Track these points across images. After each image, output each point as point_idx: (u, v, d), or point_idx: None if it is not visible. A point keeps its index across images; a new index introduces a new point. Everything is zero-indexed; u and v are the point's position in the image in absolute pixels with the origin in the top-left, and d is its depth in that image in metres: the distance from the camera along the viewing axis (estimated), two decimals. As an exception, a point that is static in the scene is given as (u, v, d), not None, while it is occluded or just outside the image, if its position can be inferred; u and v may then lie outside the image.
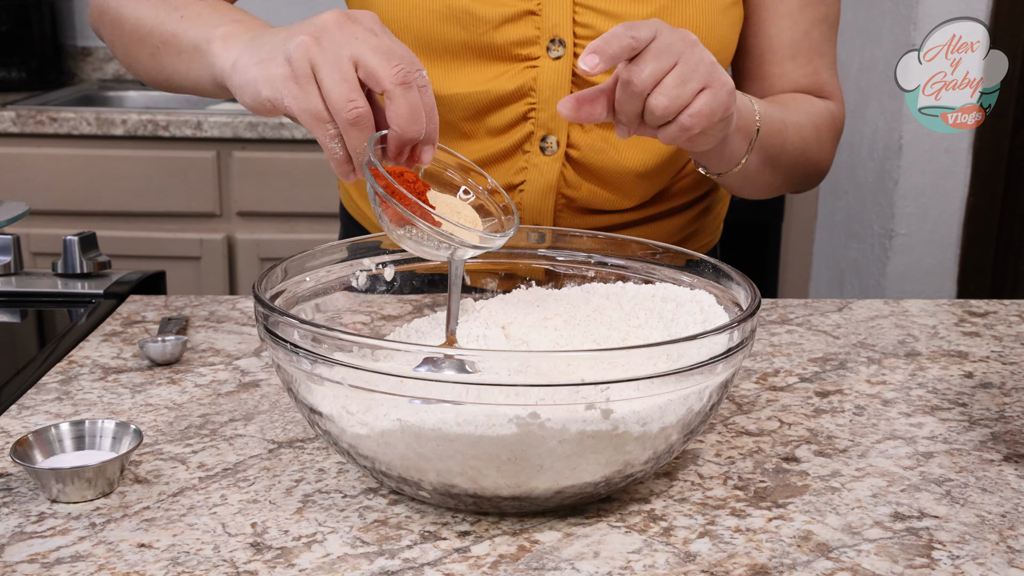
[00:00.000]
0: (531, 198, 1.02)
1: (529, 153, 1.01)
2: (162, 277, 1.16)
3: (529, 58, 0.98)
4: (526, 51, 0.98)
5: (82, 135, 2.27)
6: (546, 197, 1.02)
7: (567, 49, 0.97)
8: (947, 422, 0.81)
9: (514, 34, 0.97)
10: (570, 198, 1.03)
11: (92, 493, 0.66)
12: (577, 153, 1.01)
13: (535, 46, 0.98)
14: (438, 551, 0.61)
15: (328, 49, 0.72)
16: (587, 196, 1.04)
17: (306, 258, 0.78)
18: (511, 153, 1.02)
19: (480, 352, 0.66)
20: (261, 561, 0.60)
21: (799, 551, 0.62)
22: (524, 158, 1.02)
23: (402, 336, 0.81)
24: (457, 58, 0.98)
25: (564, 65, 0.98)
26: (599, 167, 1.02)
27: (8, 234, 1.09)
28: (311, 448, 0.74)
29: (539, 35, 0.97)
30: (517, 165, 1.02)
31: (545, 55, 0.98)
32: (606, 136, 1.01)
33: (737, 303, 0.74)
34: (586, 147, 1.01)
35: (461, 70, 0.98)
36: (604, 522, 0.65)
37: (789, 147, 0.99)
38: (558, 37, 0.97)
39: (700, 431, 0.68)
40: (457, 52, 0.98)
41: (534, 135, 1.01)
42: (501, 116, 1.00)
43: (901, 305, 1.11)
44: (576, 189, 1.03)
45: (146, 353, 0.88)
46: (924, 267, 2.22)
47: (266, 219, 2.34)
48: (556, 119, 1.00)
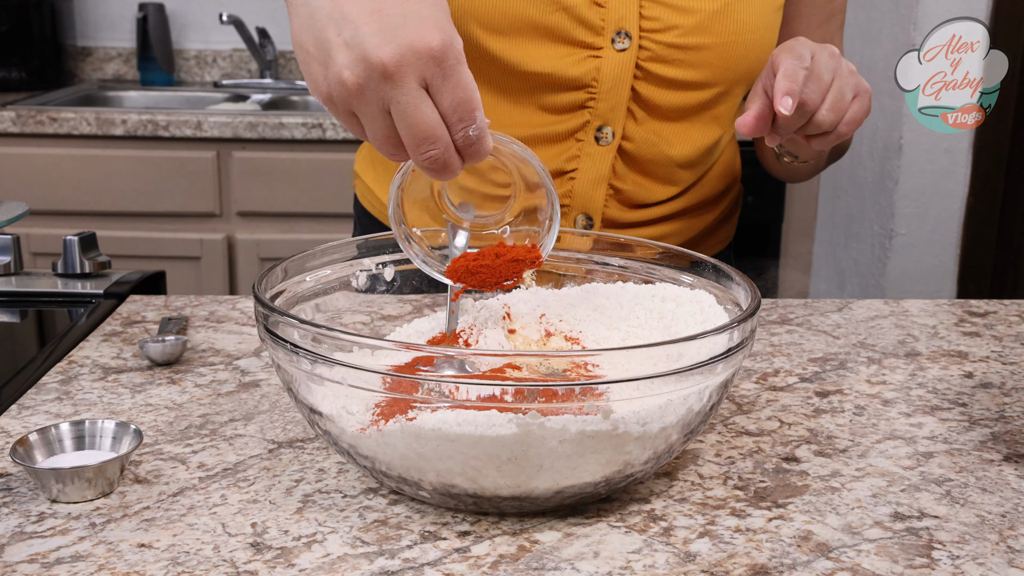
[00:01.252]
0: (582, 186, 1.03)
1: (583, 142, 1.02)
2: (162, 277, 1.16)
3: (593, 47, 0.98)
4: (591, 39, 0.98)
5: (82, 135, 2.27)
6: (597, 187, 1.03)
7: (632, 41, 0.98)
8: (947, 422, 0.81)
9: (581, 19, 0.97)
10: (618, 189, 1.05)
11: (92, 493, 0.66)
12: (631, 146, 1.02)
13: (600, 36, 0.98)
14: (438, 551, 0.61)
15: (370, 102, 0.64)
16: (632, 188, 1.05)
17: (306, 258, 0.78)
18: (564, 138, 1.02)
19: (480, 352, 0.66)
20: (261, 561, 0.60)
21: (799, 551, 0.62)
22: (578, 146, 1.02)
23: (402, 336, 0.81)
24: (522, 34, 0.97)
25: (628, 57, 0.98)
26: (648, 159, 1.04)
27: (8, 234, 1.09)
28: (311, 448, 0.74)
29: (604, 25, 0.97)
30: (570, 152, 1.02)
31: (609, 46, 0.98)
32: (658, 129, 1.02)
33: (737, 303, 0.74)
34: (640, 140, 1.02)
35: (526, 46, 0.97)
36: (604, 522, 0.65)
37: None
38: (624, 29, 0.97)
39: (700, 431, 0.68)
40: (522, 29, 0.97)
41: (590, 124, 1.01)
42: (557, 99, 1.00)
43: (901, 305, 1.11)
44: (623, 180, 1.04)
45: (146, 353, 0.88)
46: (924, 267, 2.22)
47: (266, 219, 2.34)
48: (615, 111, 1.00)
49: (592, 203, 1.04)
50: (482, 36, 0.97)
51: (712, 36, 0.98)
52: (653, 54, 0.98)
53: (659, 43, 0.98)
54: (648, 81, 1.00)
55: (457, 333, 0.75)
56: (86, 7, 2.80)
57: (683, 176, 1.07)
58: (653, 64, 0.99)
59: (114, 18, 2.81)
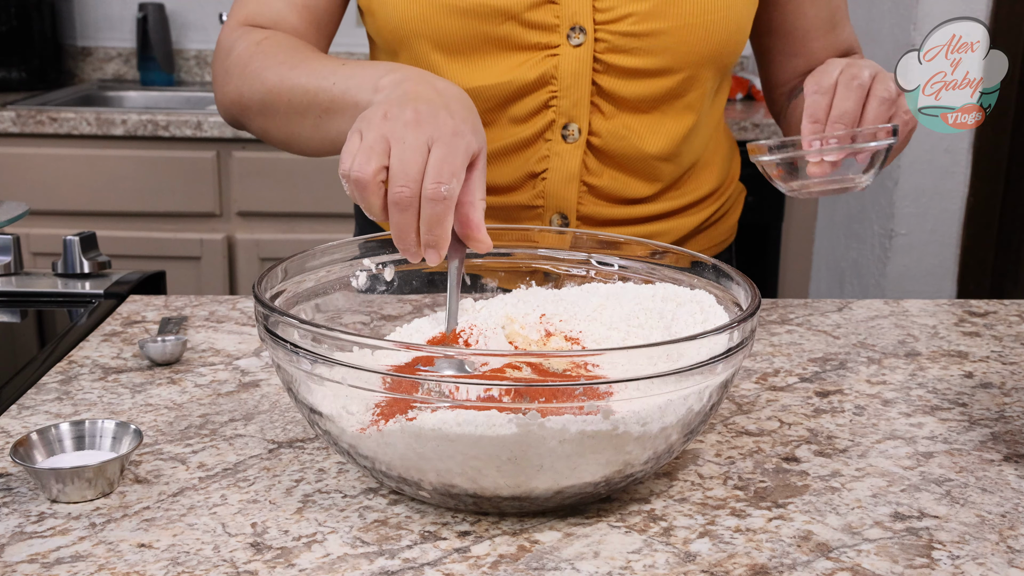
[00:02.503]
0: (554, 186, 1.03)
1: (551, 141, 1.02)
2: (162, 277, 1.16)
3: (549, 46, 0.98)
4: (546, 39, 0.98)
5: (82, 135, 2.27)
6: (569, 185, 1.03)
7: (588, 36, 0.98)
8: (947, 422, 0.81)
9: (533, 23, 0.97)
10: (592, 185, 1.04)
11: (92, 493, 0.66)
12: (599, 141, 1.02)
13: (555, 34, 0.98)
14: (438, 551, 0.61)
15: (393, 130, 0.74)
16: (609, 183, 1.05)
17: (306, 258, 0.78)
18: (532, 141, 1.02)
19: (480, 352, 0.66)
20: (261, 561, 0.60)
21: (799, 551, 0.62)
22: (546, 146, 1.02)
23: (402, 336, 0.81)
24: (476, 51, 0.98)
25: (585, 52, 0.98)
26: (620, 153, 1.03)
27: (8, 234, 1.09)
28: (311, 448, 0.74)
29: (558, 23, 0.97)
30: (539, 153, 1.02)
31: (565, 43, 0.98)
32: (627, 123, 1.02)
33: (737, 303, 0.74)
34: (607, 134, 1.02)
35: (481, 62, 0.99)
36: (604, 522, 0.65)
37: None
38: (578, 24, 0.97)
39: (700, 431, 0.68)
40: (476, 45, 0.98)
41: (556, 123, 1.01)
42: (523, 105, 1.00)
43: (901, 305, 1.11)
44: (598, 176, 1.04)
45: (146, 353, 0.88)
46: (924, 267, 2.22)
47: (266, 219, 2.34)
48: (578, 107, 1.00)
49: (565, 202, 1.04)
50: (439, 61, 0.98)
51: (668, 20, 0.97)
52: (610, 45, 0.98)
53: (614, 33, 0.98)
54: (608, 73, 1.00)
55: (457, 333, 0.75)
56: (86, 7, 2.80)
57: (664, 169, 1.06)
58: (611, 55, 0.99)
59: (114, 18, 2.81)
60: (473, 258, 0.84)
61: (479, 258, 0.84)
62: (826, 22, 1.12)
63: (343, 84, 0.85)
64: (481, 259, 0.84)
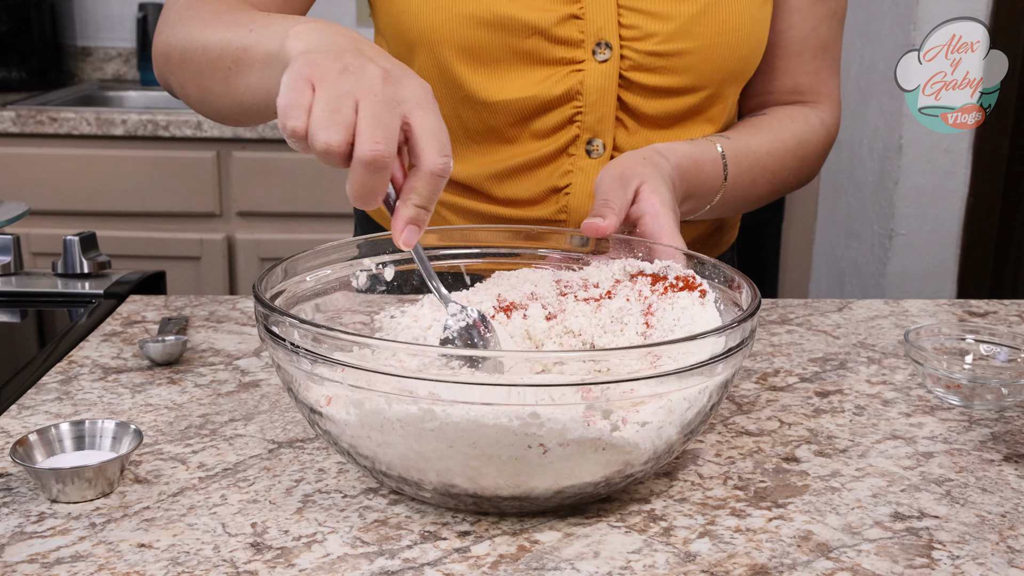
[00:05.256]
0: (578, 201, 1.02)
1: (575, 156, 1.01)
2: (162, 277, 1.16)
3: (574, 61, 0.98)
4: (571, 54, 0.97)
5: (82, 135, 2.27)
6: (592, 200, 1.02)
7: (614, 51, 0.97)
8: (947, 422, 0.81)
9: (559, 38, 0.96)
10: None
11: (92, 493, 0.66)
12: None
13: (580, 49, 0.97)
14: (438, 551, 0.61)
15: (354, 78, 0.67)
16: None
17: (306, 258, 0.78)
18: (556, 156, 1.02)
19: (480, 352, 0.66)
20: (261, 561, 0.60)
21: (799, 551, 0.62)
22: (569, 161, 1.01)
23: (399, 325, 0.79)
24: (501, 64, 0.97)
25: (611, 68, 0.98)
26: None
27: (8, 234, 1.09)
28: (311, 448, 0.74)
29: (583, 38, 0.97)
30: (562, 168, 1.02)
31: (591, 58, 0.97)
32: (649, 138, 1.02)
33: (737, 303, 0.74)
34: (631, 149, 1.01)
35: (506, 76, 0.98)
36: (604, 522, 0.65)
37: (759, 184, 1.03)
38: (604, 40, 0.97)
39: (700, 431, 0.68)
40: (501, 58, 0.97)
41: (580, 138, 1.00)
42: (547, 120, 1.00)
43: (901, 305, 1.11)
44: None
45: (146, 353, 0.88)
46: (924, 267, 2.22)
47: (266, 219, 2.34)
48: (603, 122, 1.00)
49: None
50: (463, 72, 0.97)
51: (693, 40, 0.97)
52: (635, 63, 0.98)
53: (639, 52, 0.97)
54: (633, 91, 0.99)
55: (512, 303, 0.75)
56: (86, 7, 2.80)
57: None
58: (635, 73, 0.98)
59: (114, 18, 2.81)
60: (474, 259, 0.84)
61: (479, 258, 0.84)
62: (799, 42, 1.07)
63: (258, 32, 0.78)
64: (481, 260, 0.84)
